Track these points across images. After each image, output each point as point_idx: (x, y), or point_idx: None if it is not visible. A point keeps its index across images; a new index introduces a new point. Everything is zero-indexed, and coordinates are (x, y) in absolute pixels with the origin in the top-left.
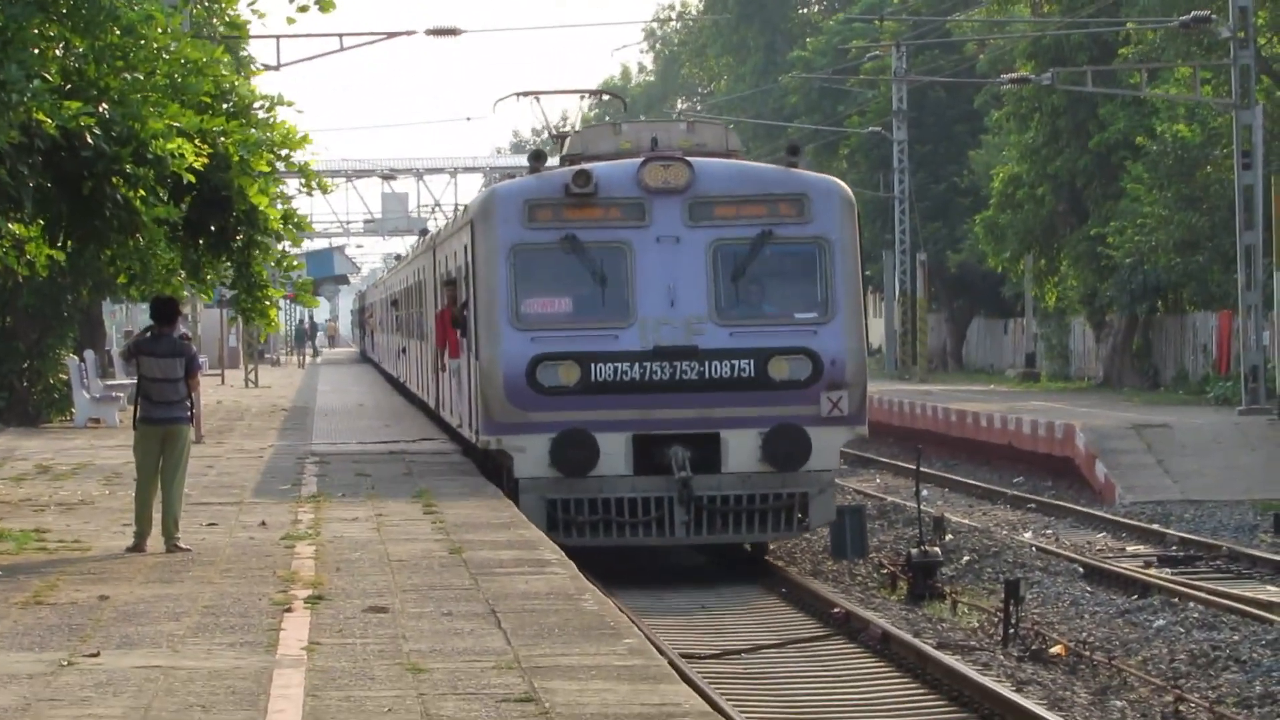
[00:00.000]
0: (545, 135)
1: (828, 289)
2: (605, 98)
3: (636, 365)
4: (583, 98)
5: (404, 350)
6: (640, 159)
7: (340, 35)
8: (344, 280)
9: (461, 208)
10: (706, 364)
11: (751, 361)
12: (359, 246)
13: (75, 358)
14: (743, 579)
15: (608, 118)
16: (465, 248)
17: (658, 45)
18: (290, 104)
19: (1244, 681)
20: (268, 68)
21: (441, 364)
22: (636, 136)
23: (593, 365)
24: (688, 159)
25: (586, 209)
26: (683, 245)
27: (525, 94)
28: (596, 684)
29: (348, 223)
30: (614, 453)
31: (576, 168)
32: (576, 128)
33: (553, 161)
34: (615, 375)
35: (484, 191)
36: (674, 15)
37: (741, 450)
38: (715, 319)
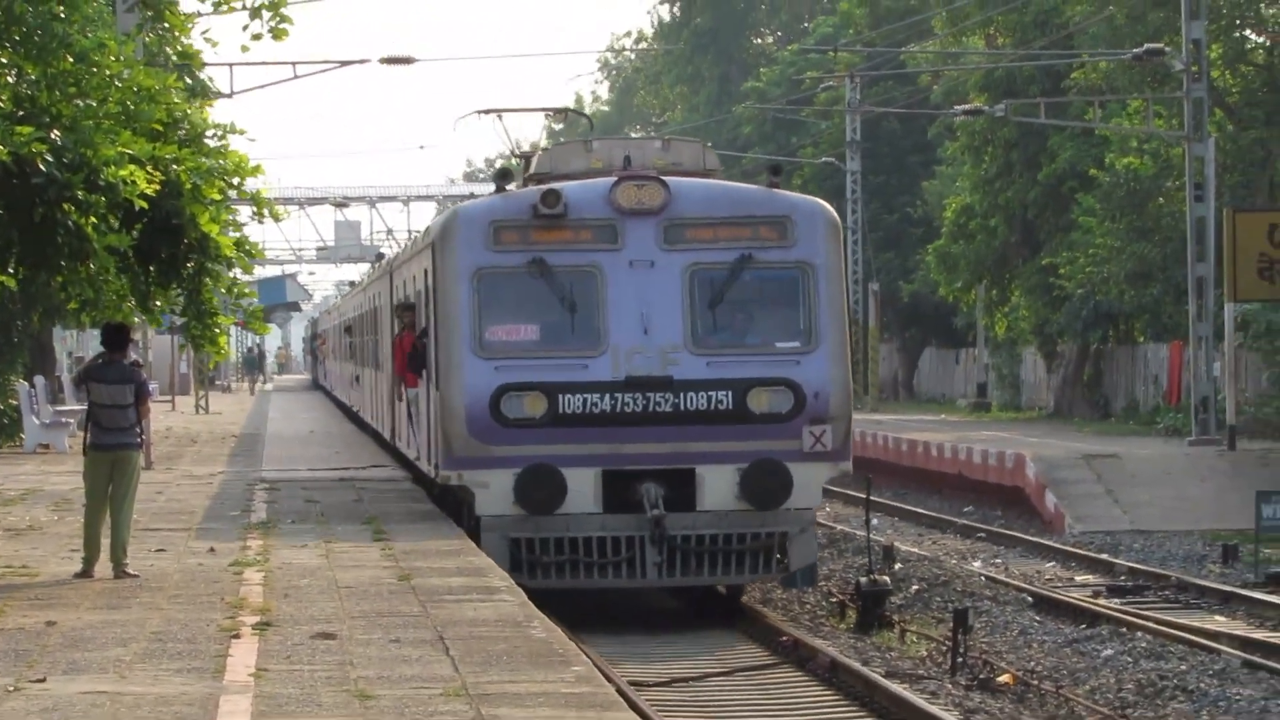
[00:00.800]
0: (507, 157)
1: (811, 316)
2: (569, 117)
3: (607, 396)
4: (547, 116)
5: (358, 378)
6: (613, 178)
7: (294, 63)
8: (296, 307)
9: (422, 230)
10: (681, 395)
11: (729, 393)
12: (311, 274)
13: (25, 383)
14: (700, 613)
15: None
16: (426, 271)
17: (613, 74)
18: (242, 132)
19: (1191, 711)
20: (221, 95)
21: (399, 393)
22: (608, 155)
23: (560, 396)
24: (663, 179)
25: (555, 231)
26: (657, 269)
27: (487, 111)
28: (544, 711)
29: (300, 250)
30: (582, 489)
31: (545, 187)
32: (542, 147)
33: (512, 186)
34: (584, 407)
35: (447, 212)
36: (629, 44)
37: (718, 487)
38: (691, 348)
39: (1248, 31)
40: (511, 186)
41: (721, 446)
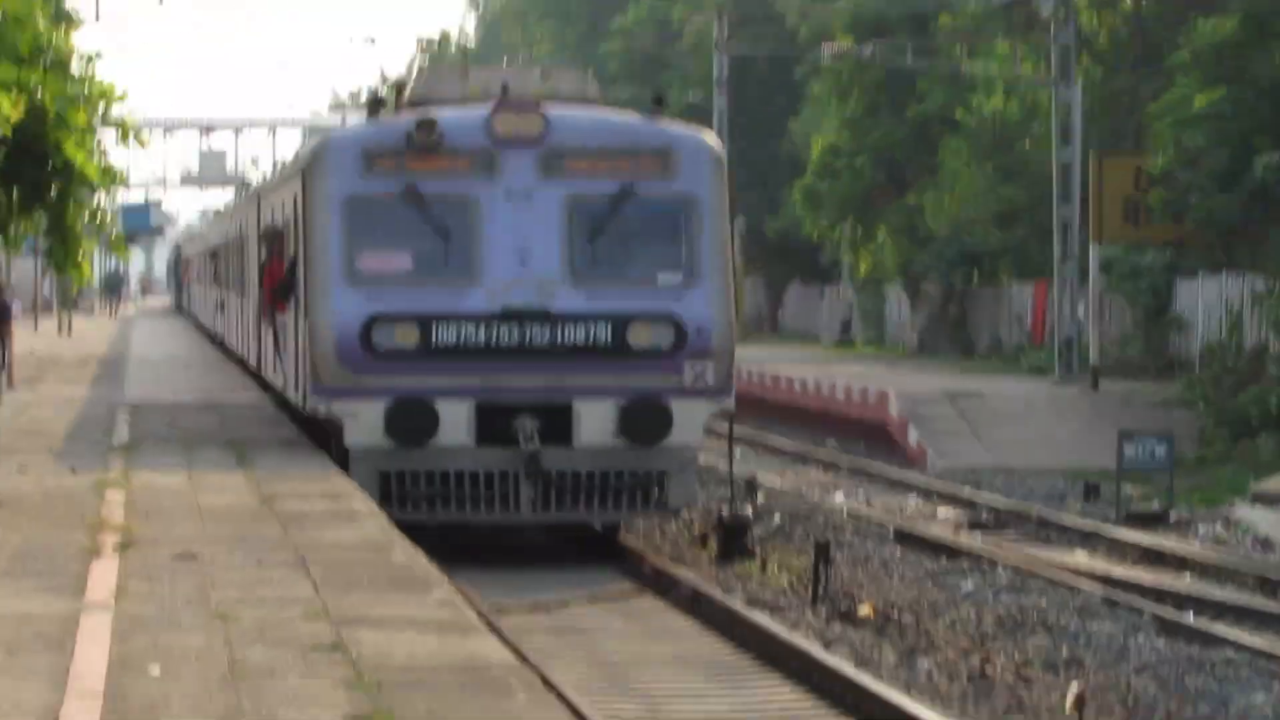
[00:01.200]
0: (376, 88)
1: (694, 251)
2: (441, 47)
3: (482, 328)
4: (422, 50)
5: (223, 304)
6: (490, 106)
7: None
8: (159, 233)
9: (292, 156)
10: (559, 328)
11: (609, 326)
12: (175, 202)
13: None
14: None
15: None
16: (295, 198)
17: (480, 7)
18: (105, 57)
19: (1051, 645)
20: (83, 22)
21: (268, 321)
22: (486, 82)
23: (434, 326)
24: (542, 108)
25: (430, 159)
26: (535, 201)
27: (366, 40)
28: (406, 634)
29: (165, 176)
30: (455, 422)
31: (420, 115)
32: (418, 69)
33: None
34: (459, 338)
35: (317, 139)
36: None
37: (596, 423)
38: (570, 281)
39: None
40: (384, 114)
41: (600, 381)
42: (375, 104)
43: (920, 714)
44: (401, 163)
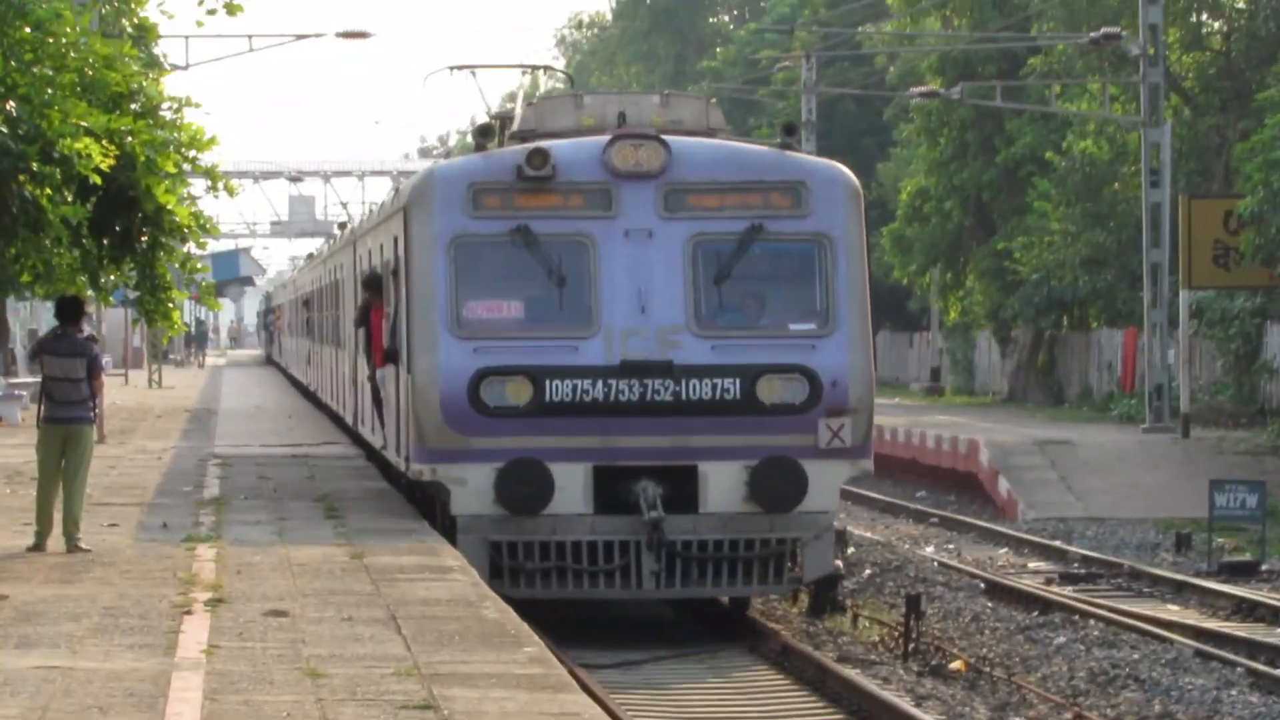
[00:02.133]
0: (465, 130)
1: (829, 295)
2: (545, 73)
3: (600, 383)
4: (524, 73)
5: (315, 355)
6: (606, 137)
7: (250, 36)
8: (249, 282)
9: (391, 193)
10: (683, 383)
11: (737, 381)
12: (265, 248)
13: None
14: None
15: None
16: (396, 239)
17: (569, 51)
18: (198, 105)
19: (1143, 700)
20: (176, 68)
21: (367, 375)
22: (602, 111)
23: (547, 382)
24: (663, 138)
25: (542, 195)
26: (656, 240)
27: (460, 68)
28: (496, 692)
29: (254, 224)
30: (571, 487)
31: (531, 146)
32: (527, 102)
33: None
34: (574, 395)
35: (421, 172)
36: (585, 25)
37: (723, 486)
38: (694, 329)
39: (1204, 16)
40: (492, 146)
41: (728, 441)
42: (484, 132)
43: None
44: (511, 199)
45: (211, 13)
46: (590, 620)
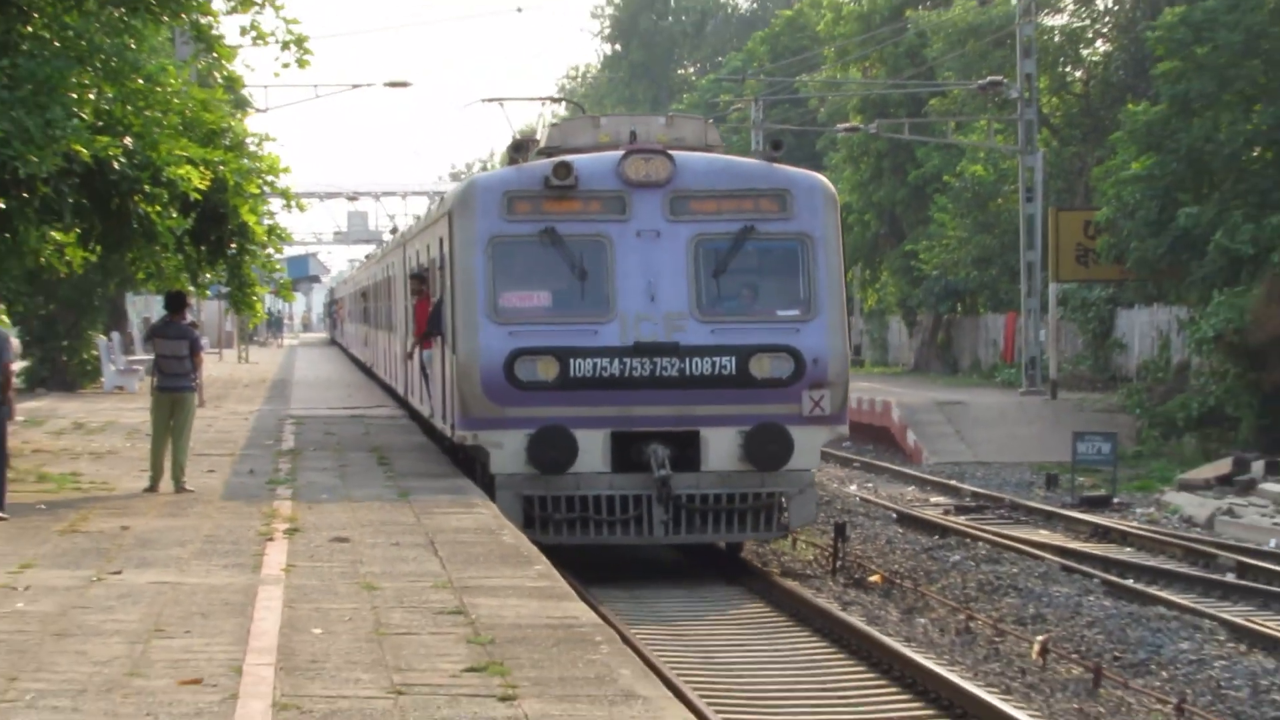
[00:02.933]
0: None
1: (810, 286)
2: (561, 104)
3: (616, 361)
4: (544, 104)
5: (370, 338)
6: (621, 152)
7: (315, 85)
8: (316, 280)
9: (438, 199)
10: (687, 361)
11: (733, 359)
12: (328, 253)
13: (105, 338)
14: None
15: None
16: (441, 240)
17: (567, 94)
18: (274, 139)
19: (1020, 604)
20: (257, 110)
21: (416, 354)
22: (615, 130)
23: (572, 361)
24: (669, 152)
25: (566, 201)
26: (663, 240)
27: (490, 100)
28: (512, 600)
29: (319, 234)
30: (592, 450)
31: (557, 159)
32: (552, 123)
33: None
34: (594, 371)
35: (463, 182)
36: (581, 73)
37: (722, 449)
38: (696, 315)
39: (1068, 67)
40: (522, 161)
41: (725, 410)
42: (517, 147)
43: (919, 661)
44: (540, 205)
45: (285, 66)
46: (609, 562)
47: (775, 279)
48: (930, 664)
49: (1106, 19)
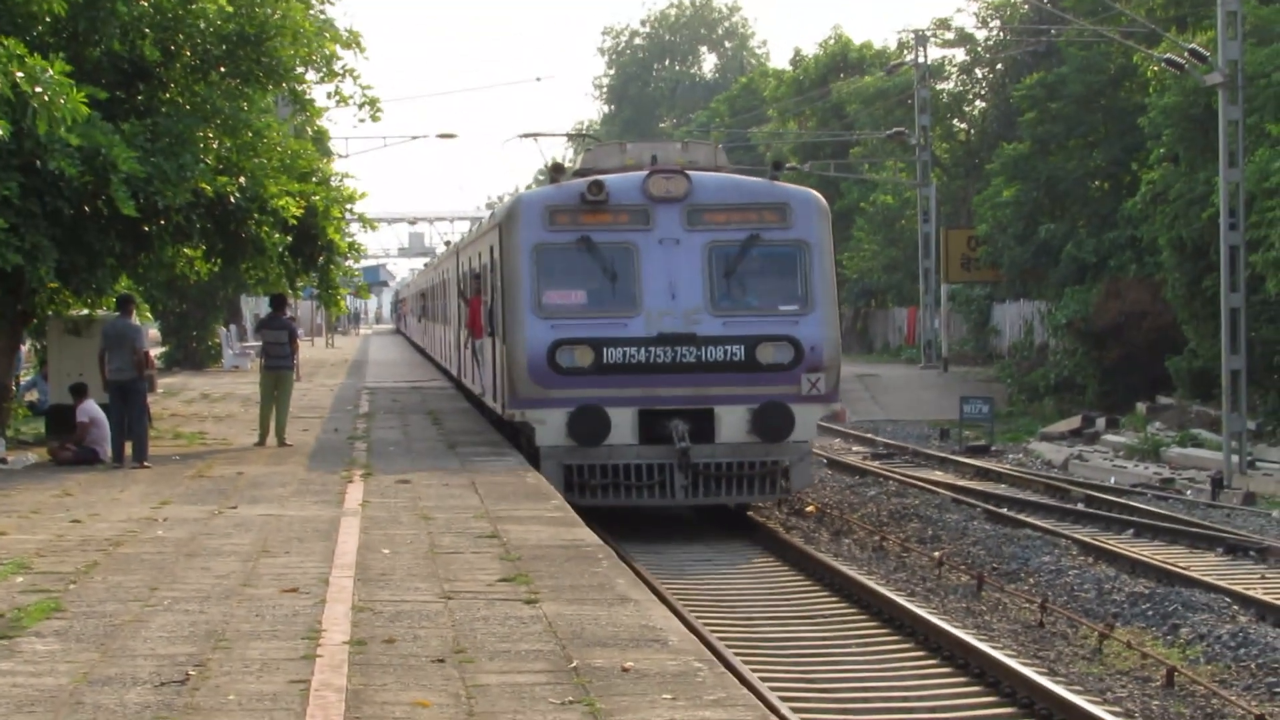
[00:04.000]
0: (534, 175)
1: (807, 285)
2: (585, 141)
3: (642, 350)
4: (569, 140)
5: (428, 329)
6: (645, 172)
7: (384, 136)
8: (384, 284)
9: (487, 215)
10: (703, 349)
11: (742, 347)
12: (394, 264)
13: (225, 329)
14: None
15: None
16: (492, 248)
17: (588, 134)
18: (353, 176)
19: (921, 527)
20: (340, 155)
21: (468, 344)
22: (639, 154)
23: (604, 349)
24: (686, 172)
25: (599, 214)
26: (682, 246)
27: (526, 135)
28: (534, 527)
29: (387, 249)
30: (622, 425)
31: (591, 178)
32: (585, 148)
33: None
34: (624, 358)
35: (511, 198)
36: (585, 127)
37: (733, 424)
38: (710, 310)
39: (954, 120)
40: (561, 180)
41: (735, 390)
42: (556, 169)
43: (846, 571)
44: (577, 217)
45: (361, 120)
46: (636, 520)
47: (777, 279)
48: (852, 573)
49: (983, 84)
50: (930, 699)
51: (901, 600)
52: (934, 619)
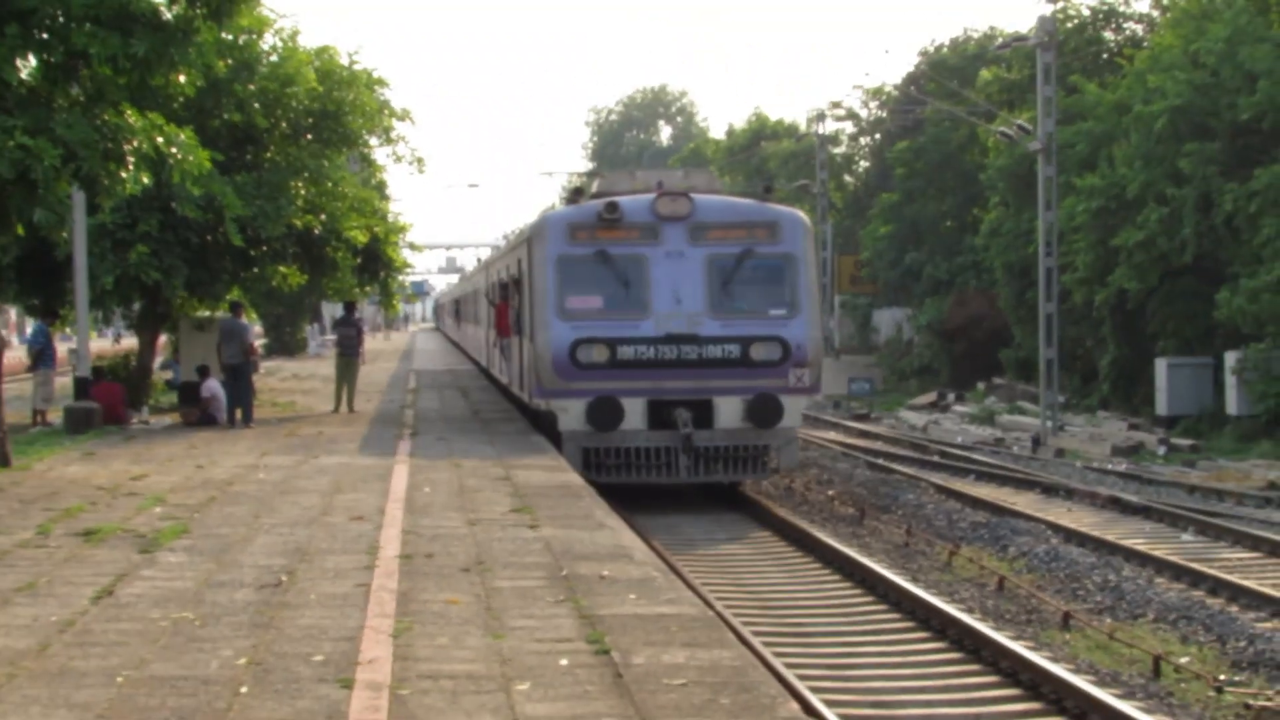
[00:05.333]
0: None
1: (793, 292)
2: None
3: (651, 348)
4: (582, 176)
5: (462, 327)
6: (654, 194)
7: (428, 183)
8: (426, 294)
9: (515, 231)
10: (704, 347)
11: (738, 346)
12: (435, 278)
13: (310, 326)
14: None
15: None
16: (520, 260)
17: (597, 170)
18: (405, 218)
19: (819, 473)
20: (396, 199)
21: (496, 342)
22: (646, 180)
23: (618, 347)
24: (689, 194)
25: (614, 231)
26: (685, 258)
27: (546, 173)
28: (536, 473)
29: (429, 269)
30: (634, 413)
31: (607, 199)
32: (601, 175)
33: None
34: (635, 355)
35: (538, 217)
36: (580, 172)
37: (730, 413)
38: (710, 314)
39: (846, 175)
40: (580, 202)
41: (732, 384)
42: (577, 191)
43: (766, 504)
44: (594, 233)
45: (411, 174)
46: (646, 495)
47: (767, 287)
48: (770, 505)
49: (866, 148)
50: (825, 598)
51: (805, 525)
52: (829, 540)
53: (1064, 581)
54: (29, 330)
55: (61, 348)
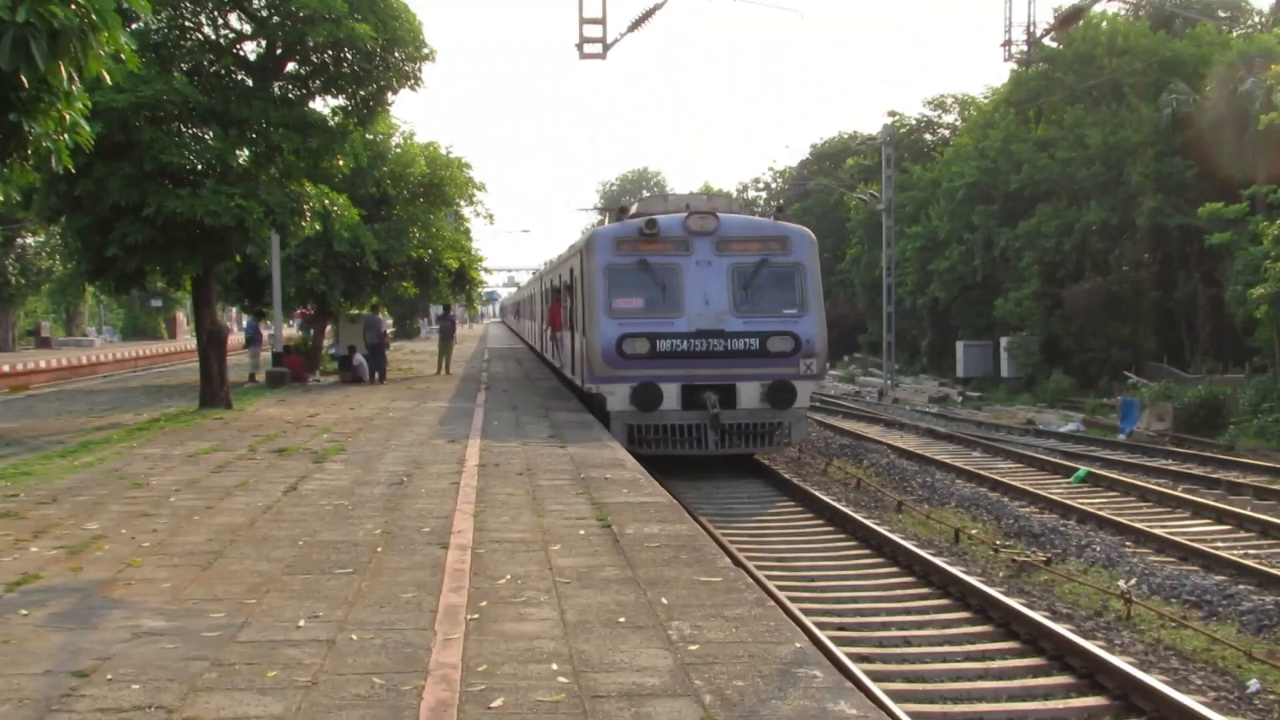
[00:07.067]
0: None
1: (802, 295)
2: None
3: (685, 341)
4: (603, 211)
5: (522, 323)
6: (685, 213)
7: (496, 228)
8: (495, 300)
9: (569, 247)
10: (729, 341)
11: (757, 339)
12: (500, 290)
13: (422, 320)
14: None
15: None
16: (573, 269)
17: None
18: (480, 254)
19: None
20: (473, 239)
21: (552, 336)
22: (678, 202)
23: (658, 341)
24: (716, 213)
25: (653, 244)
26: (713, 267)
27: (585, 209)
28: (589, 448)
29: (496, 284)
30: (670, 396)
31: (647, 217)
32: (638, 199)
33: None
34: (671, 347)
35: (589, 232)
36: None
37: (751, 396)
38: (734, 313)
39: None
40: (625, 219)
41: (752, 371)
42: (622, 210)
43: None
44: (636, 246)
45: (485, 223)
46: (681, 464)
47: (781, 290)
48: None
49: (774, 207)
50: (750, 497)
51: (781, 470)
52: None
53: (898, 482)
54: (244, 322)
55: (264, 333)
